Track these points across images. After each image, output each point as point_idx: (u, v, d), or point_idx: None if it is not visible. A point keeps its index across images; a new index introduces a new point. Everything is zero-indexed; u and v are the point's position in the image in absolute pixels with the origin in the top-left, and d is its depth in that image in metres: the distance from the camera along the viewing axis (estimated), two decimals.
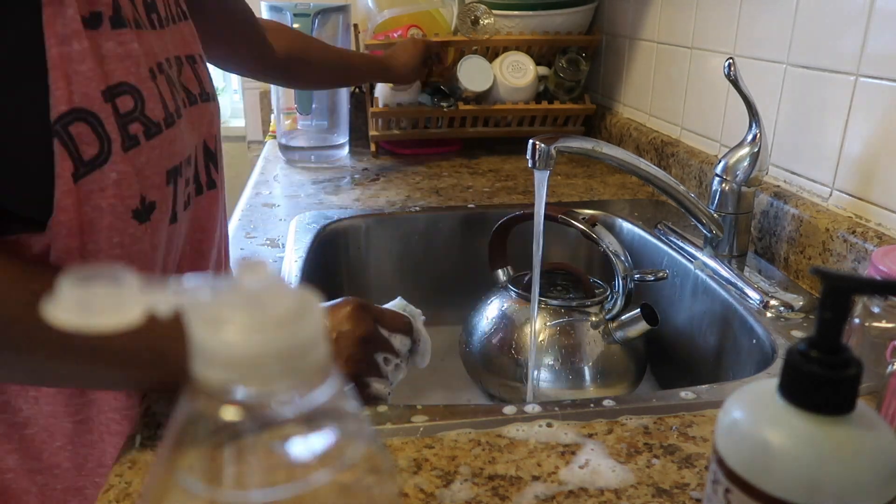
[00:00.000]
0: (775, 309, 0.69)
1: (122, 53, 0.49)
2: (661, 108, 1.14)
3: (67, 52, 0.45)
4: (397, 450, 0.48)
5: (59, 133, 0.45)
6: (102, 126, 0.47)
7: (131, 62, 0.50)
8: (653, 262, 0.91)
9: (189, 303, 0.20)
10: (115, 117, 0.48)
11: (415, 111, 1.25)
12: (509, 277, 0.87)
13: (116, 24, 0.48)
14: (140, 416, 0.52)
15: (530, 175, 1.17)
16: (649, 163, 0.77)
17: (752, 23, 0.88)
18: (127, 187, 0.49)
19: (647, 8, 1.16)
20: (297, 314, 0.21)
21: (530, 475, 0.46)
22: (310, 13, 1.19)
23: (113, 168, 0.48)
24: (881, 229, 0.68)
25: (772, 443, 0.29)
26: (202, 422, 0.22)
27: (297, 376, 0.21)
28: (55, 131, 0.45)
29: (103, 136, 0.47)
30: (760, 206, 0.82)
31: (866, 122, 0.70)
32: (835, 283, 0.28)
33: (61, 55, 0.45)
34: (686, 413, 0.53)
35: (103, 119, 0.47)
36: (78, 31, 0.45)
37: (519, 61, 1.26)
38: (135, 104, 0.50)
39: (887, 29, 0.67)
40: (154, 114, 0.51)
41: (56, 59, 0.44)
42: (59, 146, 0.45)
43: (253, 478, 0.22)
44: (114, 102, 0.48)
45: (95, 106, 0.46)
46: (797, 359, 0.29)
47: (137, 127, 0.50)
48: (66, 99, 0.45)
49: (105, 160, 0.47)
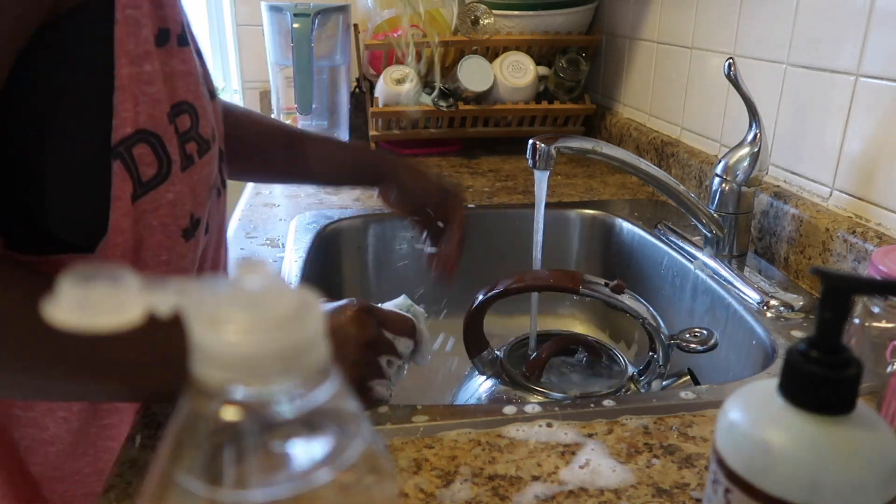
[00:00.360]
0: (775, 309, 0.69)
1: (184, 71, 0.48)
2: (661, 108, 1.14)
3: (138, 73, 0.44)
4: (397, 450, 0.48)
5: (121, 154, 0.44)
6: (164, 147, 0.46)
7: (192, 80, 0.49)
8: (653, 262, 0.91)
9: (189, 303, 0.20)
10: (177, 138, 0.47)
11: (415, 111, 1.25)
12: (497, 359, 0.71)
13: (182, 42, 0.48)
14: (140, 416, 0.52)
15: (530, 175, 1.17)
16: (649, 163, 0.77)
17: (752, 23, 0.88)
18: (180, 206, 0.49)
19: (647, 8, 1.16)
20: (297, 314, 0.21)
21: (530, 475, 0.46)
22: (310, 13, 1.19)
23: (170, 188, 0.47)
24: (881, 229, 0.68)
25: (772, 443, 0.29)
26: (202, 422, 0.22)
27: (296, 376, 0.21)
28: (118, 153, 0.44)
29: (163, 156, 0.46)
30: (760, 206, 0.82)
31: (866, 122, 0.70)
32: (835, 283, 0.28)
33: (131, 76, 0.43)
34: (686, 413, 0.53)
35: (166, 140, 0.46)
36: (150, 51, 0.44)
37: (519, 61, 1.26)
38: (191, 123, 0.49)
39: (887, 29, 0.67)
40: (205, 131, 0.51)
41: (125, 80, 0.43)
42: (121, 167, 0.44)
43: (253, 478, 0.22)
44: (175, 123, 0.47)
45: (160, 128, 0.46)
46: (797, 359, 0.29)
47: (193, 146, 0.49)
48: (133, 120, 0.44)
49: (163, 180, 0.47)
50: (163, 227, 0.48)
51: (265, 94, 1.58)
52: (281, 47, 1.27)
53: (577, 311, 1.05)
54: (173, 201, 0.48)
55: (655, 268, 0.90)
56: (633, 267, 0.95)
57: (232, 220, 0.97)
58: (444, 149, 1.34)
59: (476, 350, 0.70)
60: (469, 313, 0.68)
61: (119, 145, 0.44)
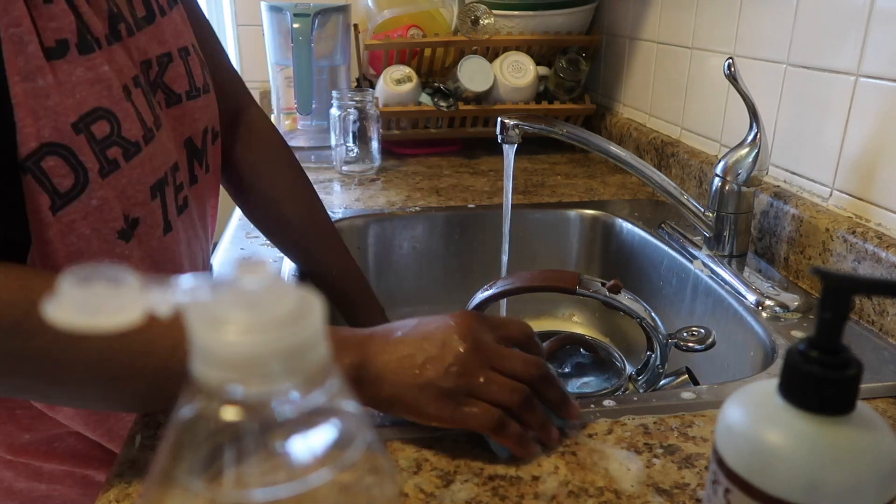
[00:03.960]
0: (770, 309, 0.69)
1: (92, 78, 0.47)
2: (661, 108, 1.14)
3: (32, 89, 0.43)
4: (397, 450, 0.48)
5: (30, 169, 0.44)
6: (76, 157, 0.46)
7: (102, 86, 0.48)
8: (652, 262, 0.91)
9: (189, 303, 0.20)
10: (91, 145, 0.47)
11: (415, 111, 1.25)
12: None
13: (84, 50, 0.47)
14: (140, 416, 0.52)
15: (530, 175, 1.17)
16: (621, 148, 0.79)
17: (752, 23, 0.88)
18: (108, 211, 0.49)
19: (647, 8, 1.16)
20: (297, 314, 0.21)
21: (530, 475, 0.46)
22: (310, 13, 1.19)
23: (92, 195, 0.47)
24: (881, 229, 0.68)
25: (772, 443, 0.29)
26: (202, 422, 0.22)
27: (296, 376, 0.21)
28: (27, 168, 0.44)
29: (77, 166, 0.46)
30: (760, 206, 0.82)
31: (866, 122, 0.70)
32: (835, 283, 0.28)
33: (26, 92, 0.43)
34: (686, 413, 0.53)
35: (76, 150, 0.46)
36: (41, 66, 0.44)
37: (519, 61, 1.26)
38: (111, 128, 0.49)
39: (887, 29, 0.67)
40: (131, 133, 0.50)
41: (21, 97, 0.43)
42: (33, 182, 0.44)
43: (253, 478, 0.22)
44: (89, 130, 0.47)
45: (66, 138, 0.45)
46: (797, 359, 0.29)
47: (116, 151, 0.49)
48: (35, 135, 0.44)
49: (82, 190, 0.47)
50: (96, 233, 0.48)
51: (265, 94, 1.58)
52: (281, 47, 1.27)
53: (576, 311, 1.05)
54: (99, 207, 0.48)
55: (655, 268, 0.90)
56: (632, 267, 0.95)
57: (232, 220, 0.97)
58: (444, 149, 1.34)
59: None
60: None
61: (27, 160, 0.44)
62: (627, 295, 0.65)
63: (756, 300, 0.71)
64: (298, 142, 1.33)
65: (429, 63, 1.27)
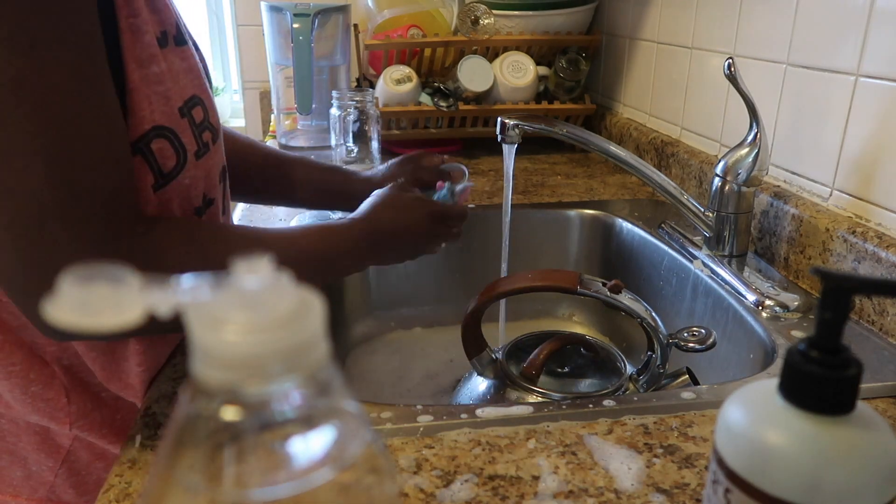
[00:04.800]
0: (770, 309, 0.69)
1: (187, 68, 0.53)
2: (661, 108, 1.14)
3: (147, 75, 0.48)
4: (397, 450, 0.48)
5: (141, 150, 0.48)
6: (179, 139, 0.51)
7: (194, 75, 0.54)
8: (653, 262, 0.91)
9: (189, 303, 0.20)
10: (192, 128, 0.52)
11: (415, 111, 1.25)
12: (496, 359, 0.70)
13: (180, 42, 0.52)
14: (140, 416, 0.52)
15: (530, 175, 1.17)
16: (621, 148, 0.80)
17: (752, 23, 0.88)
18: (194, 189, 0.54)
19: (647, 8, 1.16)
20: (298, 314, 0.21)
21: (530, 475, 0.46)
22: (310, 13, 1.19)
23: (186, 175, 0.52)
24: (881, 229, 0.68)
25: (772, 443, 0.29)
26: (202, 422, 0.22)
27: (297, 376, 0.21)
28: (138, 149, 0.48)
29: (179, 148, 0.51)
30: (760, 206, 0.82)
31: (866, 122, 0.70)
32: (835, 283, 0.28)
33: (142, 78, 0.48)
34: (686, 413, 0.53)
35: (180, 133, 0.51)
36: (155, 54, 0.49)
37: (519, 61, 1.26)
38: (203, 114, 0.55)
39: (887, 29, 0.67)
40: (214, 120, 0.57)
41: (137, 82, 0.47)
42: (141, 162, 0.48)
43: (253, 477, 0.22)
44: (191, 115, 0.52)
45: (174, 122, 0.50)
46: (797, 359, 0.29)
47: (207, 135, 0.55)
48: (149, 118, 0.48)
49: (181, 170, 0.52)
50: (181, 211, 0.53)
51: (265, 94, 1.58)
52: (281, 47, 1.27)
53: (576, 311, 1.05)
54: (189, 185, 0.53)
55: (655, 268, 0.90)
56: (632, 267, 0.95)
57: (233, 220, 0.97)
58: (444, 149, 1.34)
59: (475, 351, 0.70)
60: (468, 314, 0.68)
61: (138, 142, 0.48)
62: (628, 295, 0.65)
63: (756, 300, 0.71)
64: (298, 142, 1.32)
65: (429, 63, 1.27)
